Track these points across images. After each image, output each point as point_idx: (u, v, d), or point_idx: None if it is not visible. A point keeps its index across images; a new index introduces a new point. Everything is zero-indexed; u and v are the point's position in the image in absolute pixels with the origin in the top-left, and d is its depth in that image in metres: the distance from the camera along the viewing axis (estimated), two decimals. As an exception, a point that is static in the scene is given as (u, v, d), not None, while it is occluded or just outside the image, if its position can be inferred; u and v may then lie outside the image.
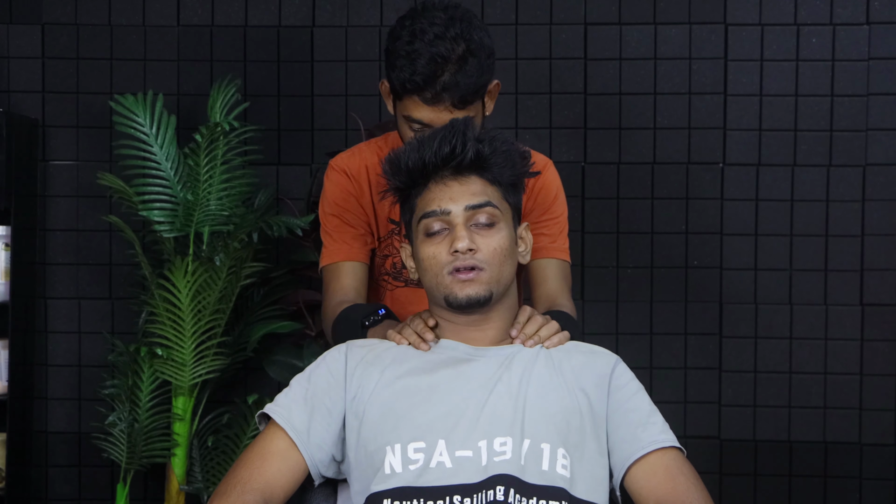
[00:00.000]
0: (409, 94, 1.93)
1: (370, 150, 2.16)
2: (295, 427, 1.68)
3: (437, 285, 1.72)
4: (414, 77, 1.90)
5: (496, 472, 1.59)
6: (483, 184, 1.73)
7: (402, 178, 1.75)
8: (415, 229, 1.76)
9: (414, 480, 1.60)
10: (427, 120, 1.94)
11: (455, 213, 1.70)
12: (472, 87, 1.91)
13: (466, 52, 1.90)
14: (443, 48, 1.89)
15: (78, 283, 3.46)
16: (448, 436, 1.62)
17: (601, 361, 1.75)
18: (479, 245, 1.69)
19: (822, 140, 3.37)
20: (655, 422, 1.72)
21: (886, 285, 3.37)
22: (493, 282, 1.71)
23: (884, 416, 3.38)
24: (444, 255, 1.70)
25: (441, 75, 1.89)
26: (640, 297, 3.41)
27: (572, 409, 1.68)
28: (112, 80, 3.44)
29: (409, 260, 1.81)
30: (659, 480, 1.67)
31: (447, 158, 1.71)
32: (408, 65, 1.90)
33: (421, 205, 1.74)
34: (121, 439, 3.18)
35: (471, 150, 1.70)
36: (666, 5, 3.39)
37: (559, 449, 1.63)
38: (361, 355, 1.75)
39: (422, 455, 1.62)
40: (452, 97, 1.91)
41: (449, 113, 1.92)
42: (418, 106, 1.93)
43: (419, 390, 1.68)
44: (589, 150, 3.41)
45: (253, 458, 1.68)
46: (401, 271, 2.16)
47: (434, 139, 1.72)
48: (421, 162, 1.72)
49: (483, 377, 1.69)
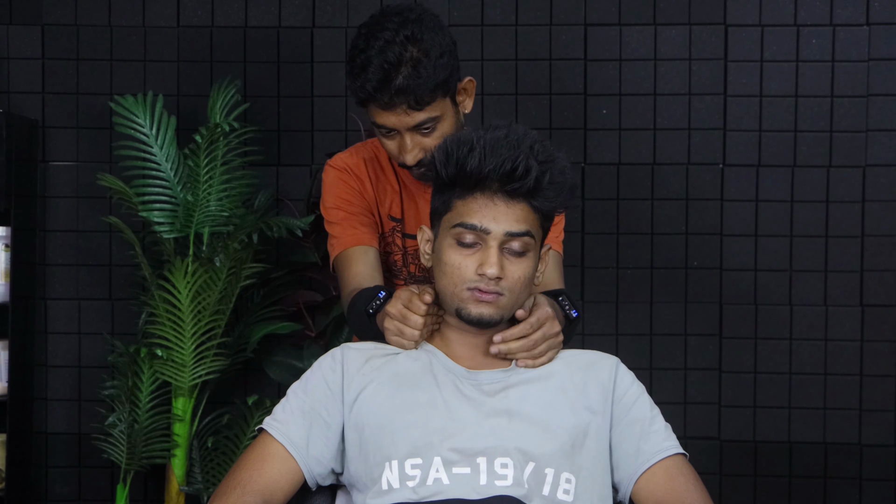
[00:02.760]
0: (366, 102, 1.96)
1: (367, 148, 2.18)
2: (294, 442, 1.68)
3: (453, 295, 1.69)
4: (365, 85, 1.92)
5: (497, 493, 1.58)
6: (528, 211, 1.67)
7: (451, 173, 1.68)
8: (444, 227, 1.71)
9: (411, 497, 1.59)
10: (390, 124, 1.96)
11: (494, 235, 1.65)
12: (425, 87, 1.92)
13: (418, 54, 1.92)
14: (391, 53, 1.90)
15: (78, 283, 3.46)
16: (445, 453, 1.61)
17: (602, 373, 1.74)
18: (507, 273, 1.66)
19: (822, 141, 3.37)
20: (657, 429, 1.71)
21: (886, 286, 3.37)
22: (507, 308, 1.69)
23: (884, 417, 3.38)
24: (471, 272, 1.66)
25: (393, 80, 1.91)
26: (640, 298, 3.41)
27: (578, 429, 1.67)
28: (112, 80, 3.44)
29: (427, 244, 1.77)
30: (659, 482, 1.68)
31: (505, 177, 1.64)
32: (360, 73, 1.93)
33: (461, 209, 1.68)
34: (121, 440, 3.18)
35: (532, 178, 1.64)
36: (666, 6, 3.39)
37: (563, 473, 1.63)
38: (358, 365, 1.72)
39: (418, 472, 1.61)
40: (407, 100, 1.92)
41: (408, 116, 1.93)
42: (378, 112, 1.96)
43: (418, 405, 1.67)
44: (589, 150, 3.41)
45: (253, 459, 1.67)
46: (402, 269, 2.17)
47: (500, 151, 1.63)
48: (479, 171, 1.64)
49: (480, 397, 1.68)
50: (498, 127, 1.69)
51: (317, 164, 3.40)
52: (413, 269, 2.16)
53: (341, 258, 2.11)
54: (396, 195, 2.14)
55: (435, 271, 1.73)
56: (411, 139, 1.97)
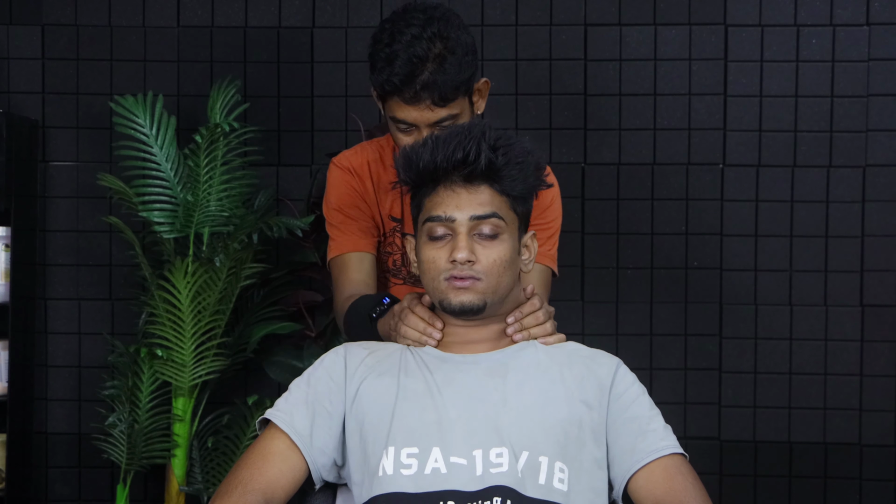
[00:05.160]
0: (390, 95, 1.97)
1: (372, 148, 2.20)
2: (298, 431, 1.69)
3: (434, 289, 1.72)
4: (392, 78, 1.93)
5: (493, 483, 1.58)
6: (492, 193, 1.70)
7: (413, 176, 1.74)
8: (419, 228, 1.75)
9: (408, 486, 1.60)
10: (411, 119, 1.98)
11: (459, 222, 1.69)
12: (450, 84, 1.94)
13: (444, 51, 1.94)
14: (419, 48, 1.92)
15: (78, 283, 3.46)
16: (442, 443, 1.62)
17: (602, 370, 1.74)
18: (479, 256, 1.69)
19: (822, 141, 3.37)
20: (655, 429, 1.71)
21: (886, 286, 3.37)
22: (488, 292, 1.70)
23: (884, 417, 3.38)
24: (444, 262, 1.69)
25: (419, 75, 1.93)
26: (640, 298, 3.41)
27: (572, 421, 1.67)
28: (112, 80, 3.44)
29: (412, 253, 1.81)
30: (657, 481, 1.67)
31: (458, 165, 1.69)
32: (386, 66, 1.94)
33: (428, 206, 1.73)
34: (121, 440, 3.18)
35: (483, 160, 1.68)
36: (666, 6, 3.39)
37: (556, 462, 1.63)
38: (360, 358, 1.75)
39: (415, 461, 1.62)
40: (432, 95, 1.94)
41: (431, 111, 1.95)
42: (400, 106, 1.97)
43: (414, 395, 1.68)
44: (589, 150, 3.41)
45: (254, 458, 1.68)
46: (401, 269, 2.18)
47: (449, 142, 1.70)
48: (433, 164, 1.70)
49: (477, 384, 1.69)
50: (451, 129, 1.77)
51: (317, 164, 3.40)
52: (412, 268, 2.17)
53: (338, 262, 2.15)
54: (397, 196, 2.15)
55: (419, 274, 1.76)
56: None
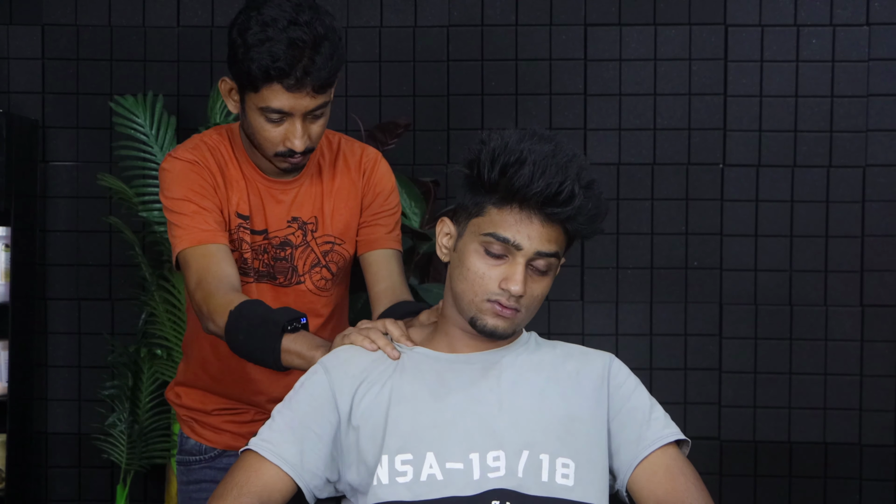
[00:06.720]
0: (269, 82, 1.89)
1: (211, 143, 2.08)
2: (288, 461, 1.64)
3: (471, 303, 1.66)
4: (276, 63, 1.86)
5: (491, 487, 1.57)
6: (560, 233, 1.64)
7: (494, 179, 1.61)
8: (473, 230, 1.66)
9: (405, 494, 1.58)
10: (288, 108, 1.91)
11: (524, 252, 1.62)
12: (330, 70, 1.89)
13: (321, 37, 1.88)
14: (299, 32, 1.86)
15: (78, 283, 3.46)
16: (436, 447, 1.60)
17: (596, 364, 1.74)
18: (528, 290, 1.64)
19: (822, 141, 3.37)
20: (657, 417, 1.71)
21: (886, 286, 3.37)
22: (521, 324, 1.68)
23: (884, 417, 3.38)
24: (494, 284, 1.63)
25: (301, 60, 1.87)
26: (640, 298, 3.41)
27: (572, 416, 1.66)
28: (112, 81, 3.44)
29: (446, 239, 1.73)
30: (659, 480, 1.67)
31: (547, 201, 1.59)
32: (266, 52, 1.86)
33: (495, 217, 1.62)
34: (121, 440, 3.18)
35: (574, 207, 1.61)
36: (666, 6, 3.39)
37: (559, 458, 1.62)
38: (344, 371, 1.70)
39: (410, 468, 1.60)
40: (314, 82, 1.88)
41: (311, 98, 1.89)
42: (278, 94, 1.90)
43: (404, 399, 1.65)
44: (589, 150, 3.41)
45: (251, 461, 1.67)
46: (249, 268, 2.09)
47: (548, 172, 1.59)
48: (526, 188, 1.58)
49: (472, 385, 1.67)
50: (543, 138, 1.66)
51: (317, 164, 3.40)
52: (257, 265, 2.09)
53: (196, 253, 1.97)
54: (244, 192, 2.06)
55: (453, 271, 1.70)
56: (303, 125, 1.94)
